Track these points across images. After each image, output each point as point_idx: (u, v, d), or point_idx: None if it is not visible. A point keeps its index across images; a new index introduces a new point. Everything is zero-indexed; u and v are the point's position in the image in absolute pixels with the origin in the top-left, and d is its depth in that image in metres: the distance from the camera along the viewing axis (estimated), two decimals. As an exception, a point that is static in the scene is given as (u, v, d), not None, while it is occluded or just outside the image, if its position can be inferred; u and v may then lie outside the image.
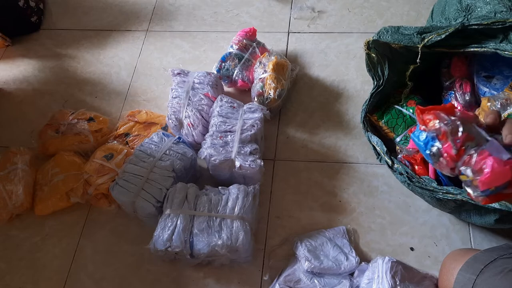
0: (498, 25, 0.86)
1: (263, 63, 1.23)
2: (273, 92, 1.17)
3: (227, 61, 1.27)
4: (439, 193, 0.86)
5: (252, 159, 1.02)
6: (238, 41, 1.29)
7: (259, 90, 1.19)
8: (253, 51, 1.29)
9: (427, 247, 1.01)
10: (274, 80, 1.18)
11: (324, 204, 1.10)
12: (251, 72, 1.27)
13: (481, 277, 0.71)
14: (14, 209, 1.13)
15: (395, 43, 0.94)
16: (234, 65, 1.26)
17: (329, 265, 0.95)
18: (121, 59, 1.47)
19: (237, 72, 1.25)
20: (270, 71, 1.19)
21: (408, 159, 0.98)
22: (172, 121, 1.14)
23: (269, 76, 1.19)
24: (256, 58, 1.28)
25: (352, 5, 1.48)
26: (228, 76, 1.27)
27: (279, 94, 1.18)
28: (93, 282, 1.06)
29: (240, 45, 1.29)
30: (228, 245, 0.92)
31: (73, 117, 1.24)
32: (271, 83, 1.18)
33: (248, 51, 1.28)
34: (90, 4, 1.63)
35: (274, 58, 1.22)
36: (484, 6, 0.96)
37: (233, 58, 1.27)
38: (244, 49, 1.29)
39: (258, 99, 1.19)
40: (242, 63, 1.26)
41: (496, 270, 0.70)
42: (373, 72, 1.04)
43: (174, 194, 1.00)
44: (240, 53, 1.28)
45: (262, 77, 1.21)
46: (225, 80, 1.29)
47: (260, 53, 1.29)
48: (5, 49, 1.56)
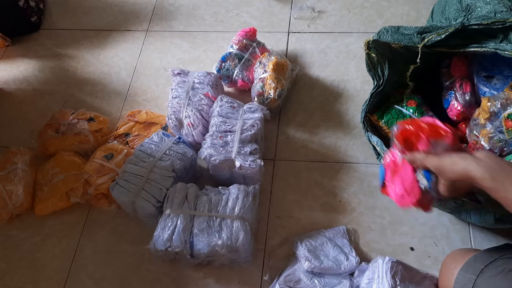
0: (498, 25, 0.86)
1: (263, 63, 1.23)
2: (273, 92, 1.17)
3: (227, 61, 1.27)
4: None
5: (252, 159, 1.02)
6: (238, 41, 1.29)
7: (259, 90, 1.19)
8: (253, 51, 1.29)
9: (427, 247, 1.01)
10: (274, 80, 1.18)
11: (324, 204, 1.10)
12: (251, 72, 1.27)
13: (481, 277, 0.71)
14: (14, 209, 1.13)
15: (395, 43, 0.94)
16: (234, 65, 1.26)
17: (329, 265, 0.95)
18: (121, 59, 1.47)
19: (237, 72, 1.25)
20: (270, 71, 1.20)
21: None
22: (172, 121, 1.14)
23: (269, 76, 1.19)
24: (256, 58, 1.28)
25: (352, 5, 1.48)
26: (228, 76, 1.27)
27: (279, 94, 1.18)
28: (93, 282, 1.06)
29: (240, 45, 1.29)
30: (228, 245, 0.92)
31: (73, 117, 1.24)
32: (271, 83, 1.18)
33: (248, 51, 1.28)
34: (90, 4, 1.63)
35: (274, 58, 1.22)
36: (484, 6, 0.95)
37: (233, 58, 1.27)
38: (244, 49, 1.29)
39: (258, 99, 1.19)
40: (242, 63, 1.26)
41: (497, 270, 0.70)
42: (373, 72, 1.03)
43: (174, 194, 1.00)
44: (240, 53, 1.28)
45: (262, 77, 1.21)
46: (225, 80, 1.29)
47: (260, 53, 1.29)
48: (5, 49, 1.56)
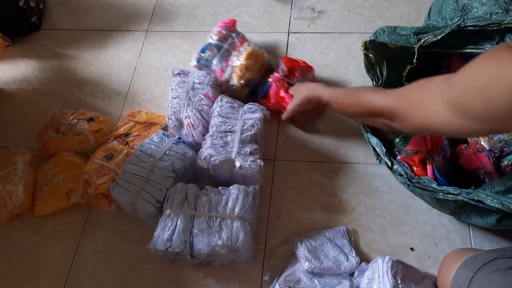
0: (493, 26, 0.86)
1: (240, 52, 1.25)
2: (237, 80, 1.19)
3: (206, 51, 1.29)
4: (440, 194, 0.86)
5: (252, 159, 1.02)
6: (218, 32, 1.31)
7: (227, 77, 1.21)
8: (233, 41, 1.30)
9: (427, 247, 1.01)
10: (243, 69, 1.20)
11: (324, 204, 1.10)
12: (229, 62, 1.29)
13: (478, 274, 0.71)
14: (14, 209, 1.13)
15: (392, 43, 0.95)
16: (213, 55, 1.28)
17: (329, 265, 0.95)
18: (121, 59, 1.47)
19: (216, 62, 1.27)
20: (243, 60, 1.21)
21: (406, 161, 0.98)
22: (172, 121, 1.14)
23: (240, 64, 1.21)
24: (236, 48, 1.29)
25: (352, 5, 1.48)
26: (208, 66, 1.29)
27: (246, 84, 1.20)
28: (93, 282, 1.06)
29: (220, 36, 1.30)
30: (228, 245, 0.92)
31: (73, 117, 1.24)
32: (239, 72, 1.20)
33: (227, 42, 1.30)
34: (90, 4, 1.63)
35: (250, 48, 1.24)
36: (480, 6, 0.95)
37: (212, 48, 1.28)
38: (223, 39, 1.30)
39: (225, 85, 1.21)
40: (221, 54, 1.27)
41: (495, 268, 0.70)
42: (371, 73, 1.04)
43: (174, 194, 1.00)
44: (220, 44, 1.29)
45: (234, 65, 1.22)
46: (204, 70, 1.30)
47: (240, 43, 1.30)
48: (5, 49, 1.56)
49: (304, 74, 1.22)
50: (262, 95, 1.21)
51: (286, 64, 1.20)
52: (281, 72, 1.19)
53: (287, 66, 1.19)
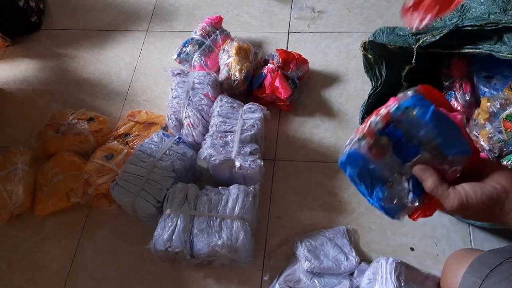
0: (491, 26, 0.86)
1: (226, 50, 1.27)
2: (239, 74, 1.20)
3: (188, 46, 1.30)
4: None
5: (252, 159, 1.02)
6: (202, 28, 1.32)
7: (226, 74, 1.23)
8: (215, 38, 1.32)
9: (427, 247, 1.01)
10: (239, 63, 1.22)
11: (324, 204, 1.10)
12: (209, 58, 1.30)
13: (487, 282, 0.71)
14: (14, 209, 1.13)
15: (391, 44, 0.95)
16: (194, 51, 1.29)
17: (329, 265, 0.95)
18: (121, 59, 1.47)
19: (196, 58, 1.28)
20: (233, 55, 1.23)
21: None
22: (172, 121, 1.14)
23: (233, 60, 1.22)
24: (218, 45, 1.32)
25: (352, 5, 1.48)
26: (188, 61, 1.30)
27: (245, 76, 1.22)
28: (93, 282, 1.06)
29: (203, 32, 1.32)
30: (228, 245, 0.92)
31: (73, 117, 1.24)
32: (236, 66, 1.21)
33: (210, 38, 1.31)
34: (90, 4, 1.63)
35: (236, 43, 1.26)
36: (478, 6, 0.95)
37: (194, 43, 1.30)
38: (206, 35, 1.31)
39: (226, 82, 1.22)
40: (202, 49, 1.29)
41: (503, 276, 0.70)
42: (371, 73, 1.04)
43: (174, 194, 1.00)
44: (202, 39, 1.30)
45: (227, 62, 1.24)
46: (184, 64, 1.33)
47: (222, 41, 1.32)
48: (5, 49, 1.56)
49: (299, 66, 1.25)
50: (257, 85, 1.22)
51: (281, 55, 1.23)
52: (276, 64, 1.22)
53: (282, 57, 1.22)
